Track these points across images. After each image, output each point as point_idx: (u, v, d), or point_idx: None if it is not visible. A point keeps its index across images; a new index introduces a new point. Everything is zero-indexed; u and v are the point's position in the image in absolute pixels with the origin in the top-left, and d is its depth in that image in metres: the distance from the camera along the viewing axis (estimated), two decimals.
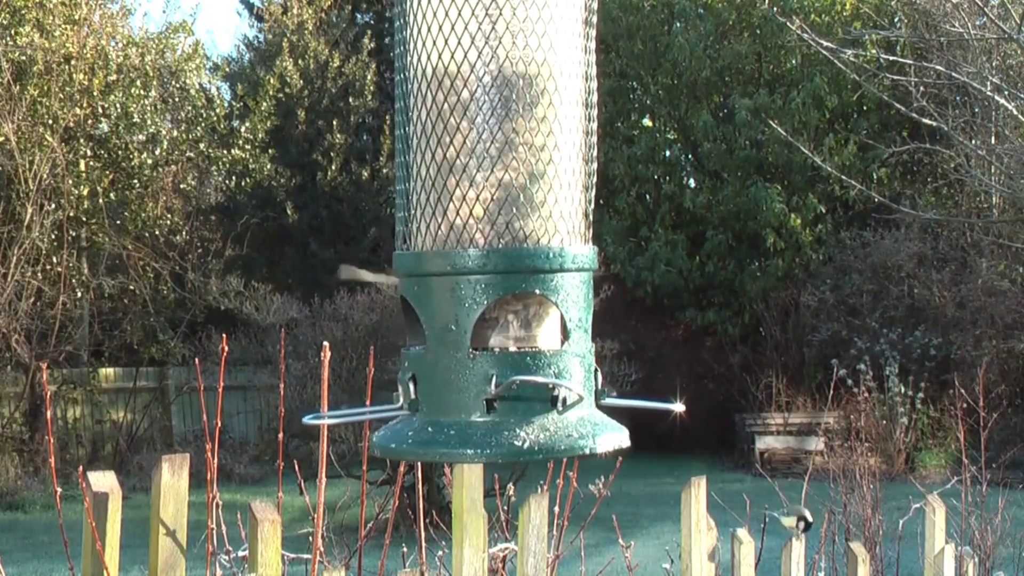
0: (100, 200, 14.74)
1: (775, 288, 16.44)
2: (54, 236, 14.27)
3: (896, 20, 16.43)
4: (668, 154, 17.55)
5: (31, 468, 13.80)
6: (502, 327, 1.39)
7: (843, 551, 3.94)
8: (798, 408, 15.23)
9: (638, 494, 11.54)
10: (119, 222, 15.26)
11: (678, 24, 17.34)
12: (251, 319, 13.94)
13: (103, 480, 2.00)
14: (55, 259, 14.34)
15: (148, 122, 15.16)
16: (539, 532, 2.49)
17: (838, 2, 16.76)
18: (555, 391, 1.35)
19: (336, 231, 18.11)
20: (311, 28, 18.74)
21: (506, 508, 3.02)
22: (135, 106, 15.00)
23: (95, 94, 14.69)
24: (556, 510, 2.79)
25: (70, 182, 14.36)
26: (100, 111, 14.86)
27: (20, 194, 14.07)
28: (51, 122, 14.24)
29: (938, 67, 12.29)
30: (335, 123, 18.14)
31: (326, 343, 2.34)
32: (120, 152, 15.11)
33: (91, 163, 14.79)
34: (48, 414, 2.56)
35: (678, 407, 1.49)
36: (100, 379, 15.58)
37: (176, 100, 16.06)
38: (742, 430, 15.58)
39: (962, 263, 15.65)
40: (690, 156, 17.64)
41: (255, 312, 13.89)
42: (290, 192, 18.03)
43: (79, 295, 14.84)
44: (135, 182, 15.30)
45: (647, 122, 18.16)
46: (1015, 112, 12.09)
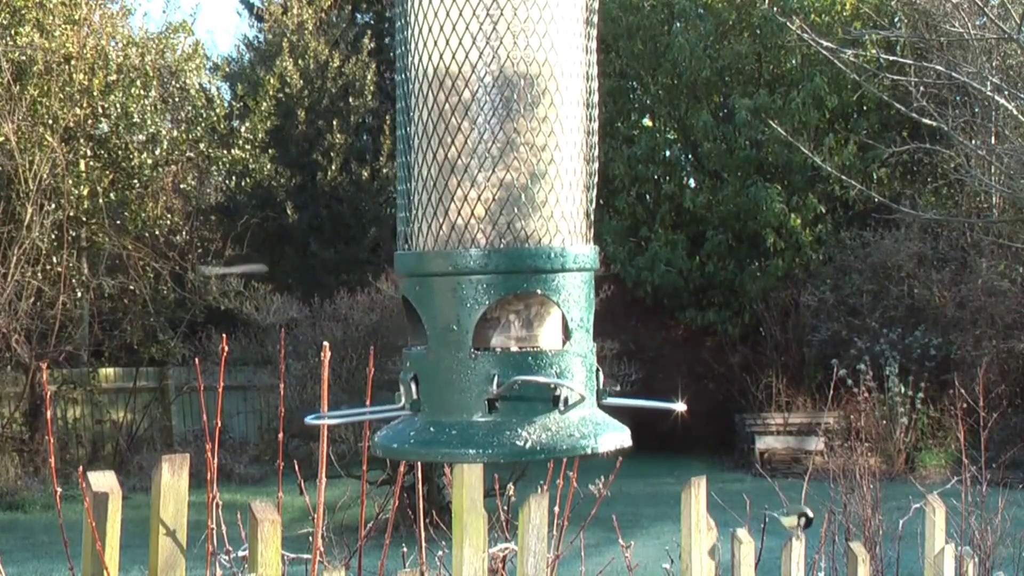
0: (100, 200, 14.73)
1: (775, 288, 16.44)
2: (54, 236, 14.27)
3: (896, 20, 16.43)
4: (668, 154, 17.55)
5: (31, 468, 13.79)
6: (504, 327, 1.40)
7: (843, 551, 3.94)
8: (798, 408, 15.23)
9: (638, 494, 11.54)
10: (119, 222, 15.26)
11: (678, 24, 17.34)
12: (251, 319, 13.93)
13: (103, 480, 2.00)
14: (55, 259, 14.33)
15: (148, 122, 15.15)
16: (539, 532, 2.49)
17: (838, 2, 16.76)
18: (557, 391, 1.35)
19: (336, 231, 18.11)
20: (311, 28, 18.73)
21: (506, 508, 3.02)
22: (135, 106, 14.99)
23: (95, 94, 14.68)
24: (556, 510, 2.79)
25: (70, 182, 14.35)
26: (100, 111, 14.85)
27: (20, 194, 14.06)
28: (51, 122, 14.24)
29: (938, 67, 12.29)
30: (335, 123, 18.14)
31: (326, 343, 2.34)
32: (120, 152, 15.11)
33: (91, 163, 14.78)
34: (48, 414, 2.56)
35: (679, 406, 1.49)
36: (100, 379, 15.58)
37: (176, 100, 16.05)
38: (742, 430, 15.58)
39: (962, 263, 15.65)
40: (690, 156, 17.64)
41: (255, 312, 13.89)
42: (290, 192, 18.03)
43: (79, 295, 14.83)
44: (135, 182, 15.29)
45: (647, 122, 18.16)
46: (1015, 112, 12.09)
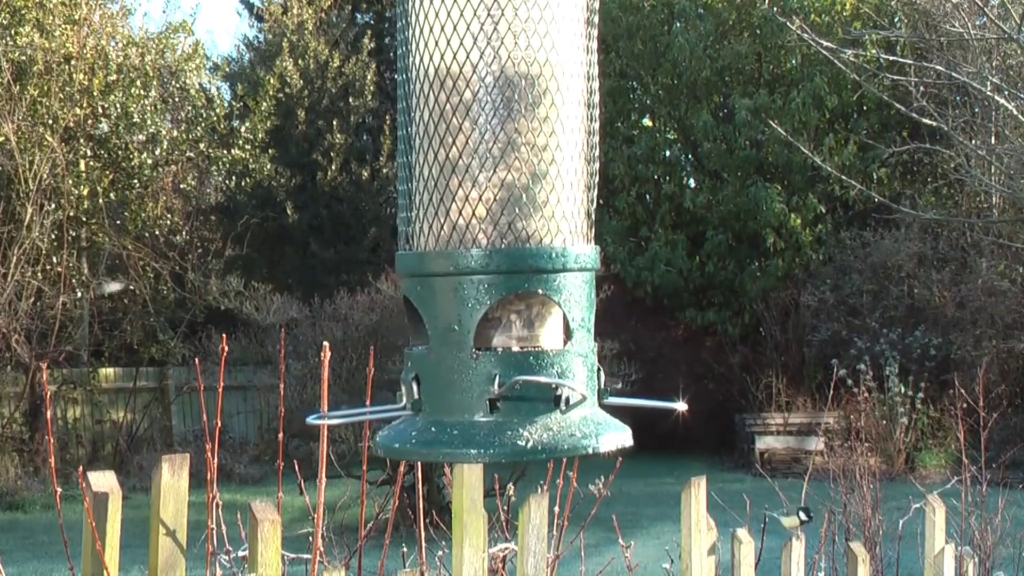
0: (100, 200, 14.73)
1: (775, 288, 16.44)
2: (54, 236, 14.26)
3: (896, 20, 16.43)
4: (668, 154, 17.54)
5: (31, 468, 13.79)
6: (505, 327, 1.40)
7: (843, 551, 3.94)
8: (798, 408, 15.22)
9: (638, 494, 11.54)
10: (119, 222, 15.25)
11: (678, 24, 17.34)
12: (251, 319, 13.93)
13: (103, 480, 2.00)
14: (55, 259, 14.33)
15: (148, 122, 15.15)
16: (539, 532, 2.49)
17: (838, 2, 16.76)
18: (558, 391, 1.35)
19: (336, 231, 18.11)
20: (311, 28, 18.73)
21: (506, 508, 3.02)
22: (135, 106, 14.99)
23: (95, 94, 14.68)
24: (556, 510, 2.79)
25: (70, 182, 14.35)
26: (100, 111, 14.85)
27: (20, 194, 14.06)
28: (51, 122, 14.23)
29: (938, 67, 12.29)
30: (335, 123, 18.14)
31: (326, 343, 2.34)
32: (120, 152, 15.11)
33: (91, 163, 14.78)
34: (48, 414, 2.55)
35: (680, 406, 1.49)
36: (100, 379, 15.57)
37: (176, 100, 16.05)
38: (742, 430, 15.58)
39: (962, 263, 15.64)
40: (690, 156, 17.64)
41: (255, 312, 13.89)
42: (290, 192, 18.02)
43: (79, 295, 14.83)
44: (135, 182, 15.29)
45: (647, 122, 18.16)
46: (1015, 112, 12.09)
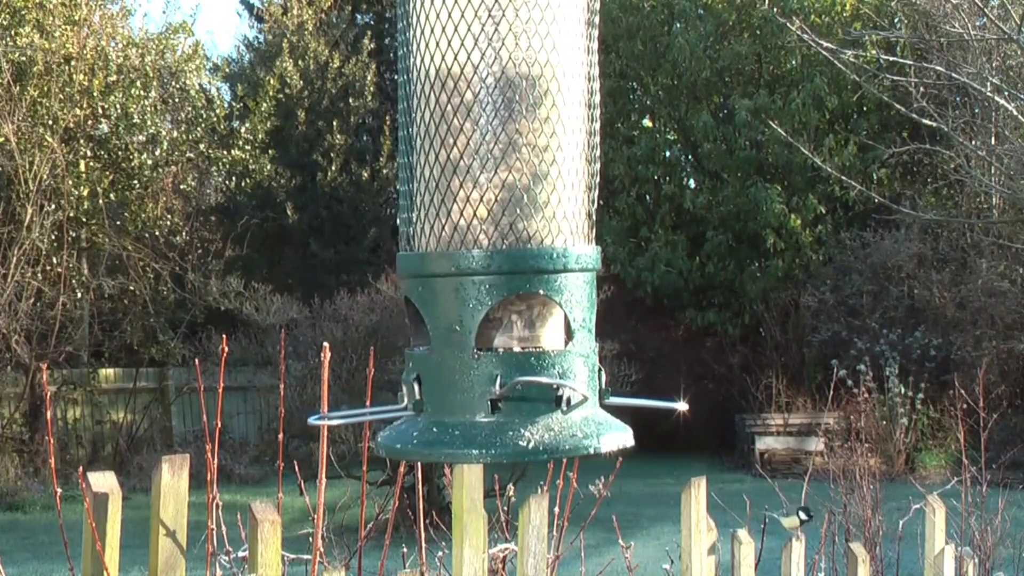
0: (100, 201, 14.73)
1: (775, 289, 16.44)
2: (54, 237, 14.26)
3: (896, 21, 16.43)
4: (668, 154, 17.55)
5: (31, 468, 13.79)
6: (506, 327, 1.40)
7: (843, 551, 3.94)
8: (798, 409, 15.22)
9: (638, 494, 11.54)
10: (119, 223, 15.25)
11: (678, 25, 17.34)
12: (251, 320, 13.93)
13: (103, 480, 2.00)
14: (55, 260, 14.33)
15: (148, 123, 15.15)
16: (539, 532, 2.49)
17: (838, 3, 16.76)
18: (559, 391, 1.36)
19: (336, 231, 18.11)
20: (311, 29, 18.73)
21: (506, 508, 3.02)
22: (135, 107, 14.99)
23: (95, 95, 14.68)
24: (556, 510, 2.79)
25: (70, 183, 14.35)
26: (100, 112, 14.85)
27: (20, 195, 14.05)
28: (51, 123, 14.23)
29: (938, 68, 12.29)
30: (335, 124, 18.14)
31: (326, 344, 2.34)
32: (120, 153, 15.11)
33: (91, 164, 14.78)
34: (48, 415, 2.55)
35: (681, 406, 1.49)
36: (100, 380, 15.57)
37: (176, 101, 16.05)
38: (742, 430, 15.58)
39: (962, 264, 15.64)
40: (690, 156, 17.64)
41: (255, 313, 13.89)
42: (290, 192, 18.03)
43: (79, 296, 14.83)
44: (135, 183, 15.29)
45: (647, 122, 18.16)
46: (1015, 113, 12.08)
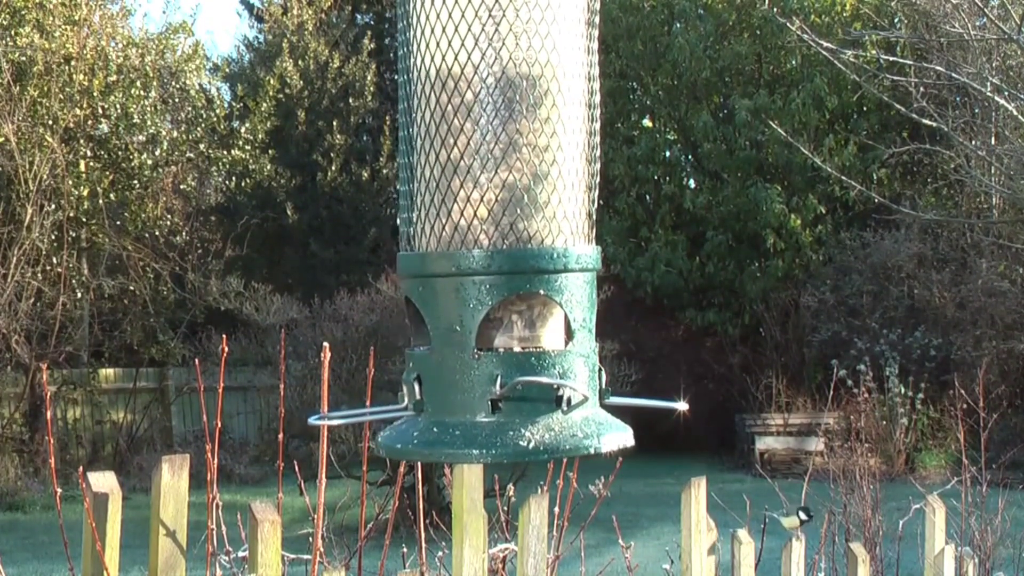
0: (100, 201, 14.73)
1: (775, 289, 16.44)
2: (54, 237, 14.26)
3: (896, 21, 16.43)
4: (668, 154, 17.54)
5: (31, 468, 13.79)
6: (506, 327, 1.40)
7: (843, 551, 3.94)
8: (798, 408, 15.22)
9: (638, 494, 11.54)
10: (119, 223, 15.25)
11: (678, 24, 17.34)
12: (251, 320, 13.93)
13: (103, 480, 2.00)
14: (55, 260, 14.33)
15: (148, 123, 15.15)
16: (539, 532, 2.49)
17: (838, 3, 16.76)
18: (560, 391, 1.36)
19: (336, 231, 18.11)
20: (311, 29, 18.73)
21: (506, 508, 3.02)
22: (135, 107, 14.99)
23: (95, 95, 14.68)
24: (556, 510, 2.79)
25: (70, 183, 14.35)
26: (100, 112, 14.85)
27: (20, 194, 14.05)
28: (51, 123, 14.23)
29: (938, 68, 12.29)
30: (335, 124, 18.14)
31: (326, 344, 2.34)
32: (120, 153, 15.10)
33: (91, 164, 14.78)
34: (48, 415, 2.55)
35: (682, 406, 1.49)
36: (100, 379, 15.57)
37: (176, 101, 16.05)
38: (742, 430, 15.58)
39: (962, 264, 15.64)
40: (690, 156, 17.64)
41: (255, 313, 13.89)
42: (290, 192, 18.03)
43: (79, 296, 14.82)
44: (135, 183, 15.29)
45: (647, 122, 18.16)
46: (1015, 113, 12.08)
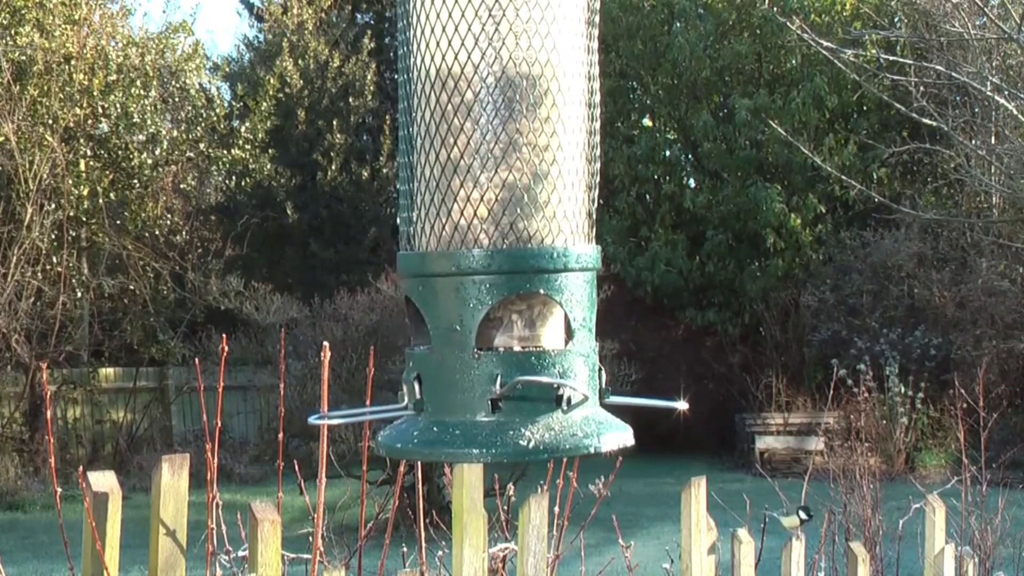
0: (100, 200, 14.73)
1: (775, 288, 16.44)
2: (54, 236, 14.26)
3: (896, 20, 16.43)
4: (668, 154, 17.54)
5: (31, 468, 13.79)
6: (507, 327, 1.40)
7: (843, 551, 3.94)
8: (798, 408, 15.22)
9: (638, 494, 11.53)
10: (119, 222, 15.25)
11: (678, 24, 17.33)
12: (251, 319, 13.94)
13: (103, 480, 2.00)
14: (55, 259, 14.33)
15: (148, 122, 15.15)
16: (539, 532, 2.49)
17: (838, 2, 16.76)
18: (560, 390, 1.35)
19: (336, 231, 18.11)
20: (311, 28, 18.73)
21: (506, 508, 3.02)
22: (135, 106, 14.98)
23: (95, 94, 14.68)
24: (556, 510, 2.79)
25: (70, 182, 14.35)
26: (100, 111, 14.85)
27: (20, 194, 14.05)
28: (51, 122, 14.23)
29: (938, 67, 12.28)
30: (335, 123, 18.14)
31: (326, 343, 2.34)
32: (120, 152, 15.10)
33: (91, 163, 14.78)
34: (48, 414, 2.55)
35: (681, 405, 1.49)
36: (100, 379, 15.57)
37: (176, 100, 16.05)
38: (742, 430, 15.58)
39: (962, 263, 15.64)
40: (690, 156, 17.64)
41: (255, 312, 13.89)
42: (290, 192, 18.03)
43: (79, 295, 14.82)
44: (135, 182, 15.28)
45: (647, 122, 18.16)
46: (1015, 112, 12.08)
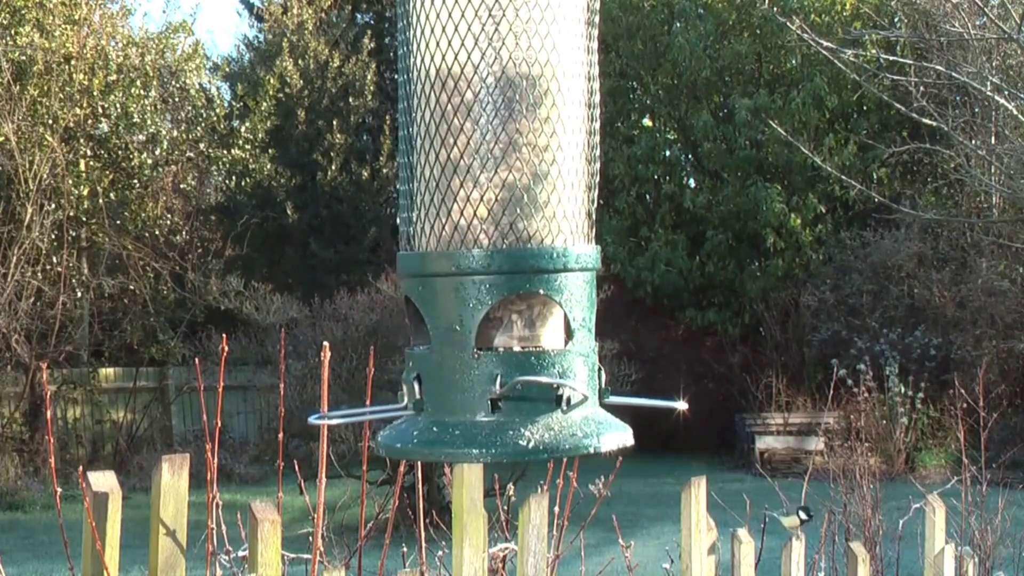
0: (100, 200, 14.73)
1: (775, 288, 16.44)
2: (54, 236, 14.26)
3: (896, 20, 16.42)
4: (668, 154, 17.54)
5: (31, 468, 13.79)
6: (506, 327, 1.40)
7: (843, 551, 3.94)
8: (798, 408, 15.22)
9: (638, 494, 11.54)
10: (119, 222, 15.25)
11: (678, 24, 17.34)
12: (251, 319, 13.94)
13: (103, 480, 2.00)
14: (55, 259, 14.33)
15: (148, 122, 15.15)
16: (539, 532, 2.49)
17: (838, 2, 16.76)
18: (559, 390, 1.36)
19: (336, 231, 18.11)
20: (311, 28, 18.73)
21: (506, 508, 3.02)
22: (135, 106, 14.98)
23: (95, 94, 14.68)
24: (556, 510, 2.79)
25: (70, 182, 14.35)
26: (100, 111, 14.85)
27: (20, 194, 14.05)
28: (51, 122, 14.23)
29: (938, 67, 12.28)
30: (335, 123, 18.13)
31: (326, 343, 2.34)
32: (120, 152, 15.10)
33: (91, 163, 14.78)
34: (48, 414, 2.55)
35: (681, 405, 1.50)
36: (100, 379, 15.57)
37: (176, 100, 16.05)
38: (742, 430, 15.58)
39: (962, 263, 15.64)
40: (690, 156, 17.64)
41: (255, 312, 13.90)
42: (290, 192, 18.03)
43: (79, 295, 14.82)
44: (135, 182, 15.29)
45: (647, 122, 18.16)
46: (1015, 112, 12.08)
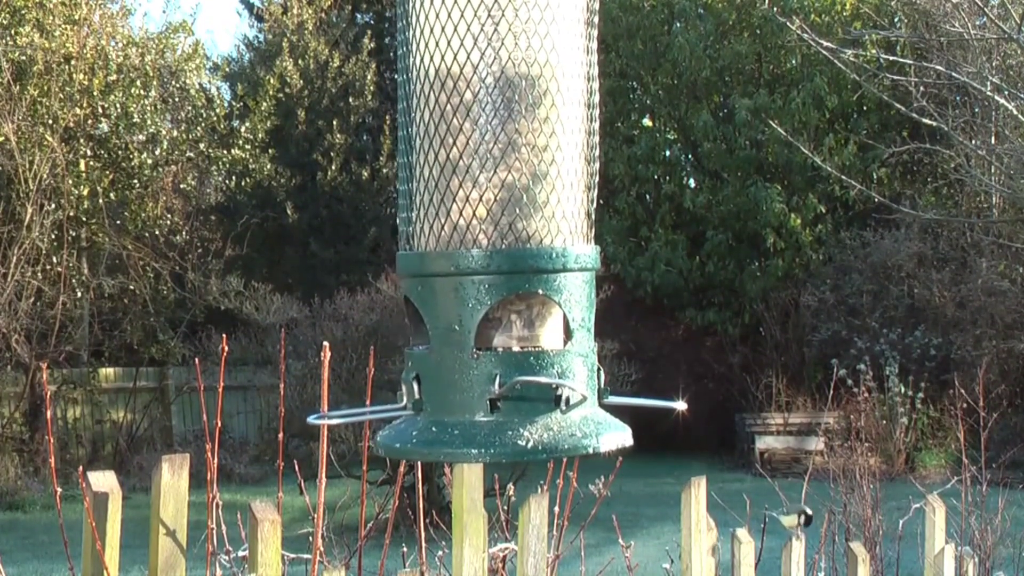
0: (100, 200, 14.73)
1: (775, 288, 16.44)
2: (54, 236, 14.26)
3: (896, 20, 16.43)
4: (668, 154, 17.54)
5: (31, 468, 13.79)
6: (505, 327, 1.40)
7: (843, 551, 3.94)
8: (798, 408, 15.23)
9: (638, 494, 11.54)
10: (119, 222, 15.25)
11: (678, 24, 17.34)
12: (251, 319, 13.94)
13: (103, 480, 2.00)
14: (55, 259, 14.33)
15: (148, 122, 15.15)
16: (539, 532, 2.49)
17: (838, 2, 16.76)
18: (558, 391, 1.36)
19: (336, 231, 18.11)
20: (311, 28, 18.73)
21: (506, 508, 3.02)
22: (135, 106, 14.99)
23: (95, 94, 14.68)
24: (556, 510, 2.79)
25: (70, 182, 14.35)
26: (100, 111, 14.85)
27: (20, 194, 14.06)
28: (51, 122, 14.23)
29: (938, 67, 12.28)
30: (335, 123, 18.14)
31: (326, 343, 2.34)
32: (120, 152, 15.11)
33: (91, 163, 14.78)
34: (48, 414, 2.56)
35: (680, 405, 1.50)
36: (100, 379, 15.57)
37: (176, 100, 16.05)
38: (742, 430, 15.58)
39: (962, 263, 15.64)
40: (690, 156, 17.64)
41: (255, 312, 13.90)
42: (290, 192, 18.03)
43: (79, 295, 14.83)
44: (135, 182, 15.29)
45: (647, 122, 18.16)
46: (1015, 112, 12.08)
